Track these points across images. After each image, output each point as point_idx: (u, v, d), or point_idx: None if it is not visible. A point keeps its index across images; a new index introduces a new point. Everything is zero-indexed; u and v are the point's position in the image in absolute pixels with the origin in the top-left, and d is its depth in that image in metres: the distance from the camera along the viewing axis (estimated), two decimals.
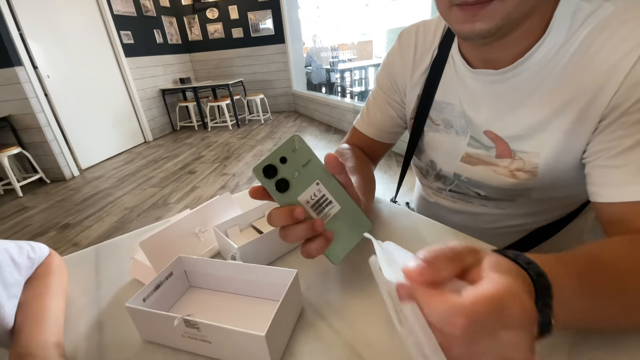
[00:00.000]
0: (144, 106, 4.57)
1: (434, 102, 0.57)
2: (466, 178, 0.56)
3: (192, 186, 2.84)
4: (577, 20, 0.40)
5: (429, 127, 0.60)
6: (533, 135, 0.46)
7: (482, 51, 0.47)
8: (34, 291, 0.46)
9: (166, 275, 0.43)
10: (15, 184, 3.00)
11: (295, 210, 0.32)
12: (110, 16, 4.02)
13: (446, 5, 0.41)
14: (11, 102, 3.08)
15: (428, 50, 0.57)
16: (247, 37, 5.41)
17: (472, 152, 0.53)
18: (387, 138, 0.68)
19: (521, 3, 0.37)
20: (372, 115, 0.67)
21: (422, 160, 0.64)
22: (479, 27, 0.38)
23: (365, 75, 5.98)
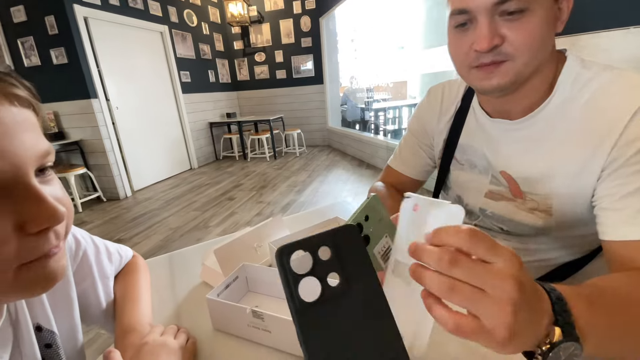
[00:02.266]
0: (193, 136, 5.01)
1: (459, 145, 0.66)
2: (491, 212, 0.62)
3: (230, 212, 3.02)
4: (578, 84, 0.49)
5: (455, 166, 0.68)
6: (541, 179, 0.53)
7: (497, 103, 0.57)
8: (129, 282, 0.57)
9: (234, 278, 0.53)
10: (77, 201, 3.36)
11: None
12: (173, 59, 4.59)
13: (466, 69, 0.51)
14: (83, 128, 3.55)
15: (453, 102, 0.68)
16: (290, 78, 5.85)
17: (495, 189, 0.61)
18: (418, 175, 0.77)
19: (528, 63, 0.46)
20: (405, 155, 0.77)
21: (450, 196, 0.72)
22: (496, 82, 0.47)
23: (398, 115, 6.15)
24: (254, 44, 5.83)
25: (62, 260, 0.30)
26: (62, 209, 0.27)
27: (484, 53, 0.46)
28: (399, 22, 5.93)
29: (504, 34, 0.44)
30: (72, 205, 0.33)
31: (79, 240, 0.49)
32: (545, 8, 0.43)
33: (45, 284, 0.29)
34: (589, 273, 0.60)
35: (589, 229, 0.54)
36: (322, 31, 5.40)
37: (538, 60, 0.47)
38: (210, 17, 5.47)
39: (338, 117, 6.11)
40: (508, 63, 0.46)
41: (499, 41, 0.44)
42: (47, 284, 0.29)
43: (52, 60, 3.37)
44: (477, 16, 0.45)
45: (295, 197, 3.30)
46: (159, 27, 4.36)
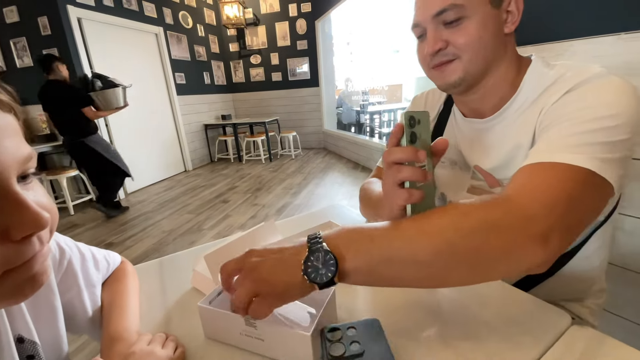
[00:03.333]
0: (187, 139, 4.98)
1: None
2: None
3: (225, 214, 3.00)
4: (542, 83, 0.52)
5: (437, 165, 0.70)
6: (504, 165, 0.56)
7: (468, 103, 0.62)
8: (116, 289, 0.56)
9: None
10: (69, 203, 3.31)
11: (420, 152, 0.38)
12: (168, 60, 4.57)
13: (427, 68, 0.58)
14: None
15: (435, 106, 0.72)
16: (285, 80, 5.86)
17: (476, 183, 0.63)
18: None
19: (472, 60, 0.52)
20: None
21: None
22: (448, 79, 0.55)
23: (394, 117, 6.18)
24: (249, 46, 5.83)
25: (46, 263, 0.30)
26: (46, 215, 0.27)
27: (433, 56, 0.53)
28: (395, 26, 5.97)
29: (447, 38, 0.52)
30: (56, 210, 0.32)
31: (64, 249, 0.48)
32: (481, 14, 0.49)
33: (31, 288, 0.28)
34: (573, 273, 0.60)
35: None
36: (317, 34, 5.42)
37: (484, 59, 0.52)
38: (206, 19, 5.46)
39: (334, 120, 6.12)
40: (455, 62, 0.53)
41: (443, 45, 0.52)
42: (32, 288, 0.28)
43: None
44: (426, 26, 0.53)
45: (291, 199, 3.29)
46: (153, 29, 4.34)
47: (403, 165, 0.40)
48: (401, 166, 0.40)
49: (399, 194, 0.41)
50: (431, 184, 0.43)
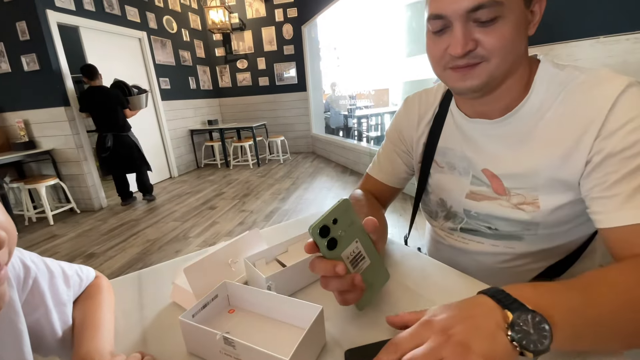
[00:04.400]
0: (173, 144, 4.89)
1: (438, 148, 0.67)
2: (476, 213, 0.62)
3: (212, 221, 2.94)
4: (554, 83, 0.51)
5: (434, 169, 0.68)
6: (526, 174, 0.54)
7: (475, 104, 0.58)
8: (89, 306, 0.53)
9: (213, 297, 0.50)
10: (48, 213, 3.19)
11: (338, 267, 0.38)
12: (152, 65, 4.49)
13: (441, 68, 0.52)
14: (56, 137, 3.40)
15: (430, 108, 0.69)
16: (272, 85, 5.84)
17: (476, 189, 0.61)
18: (396, 183, 0.76)
19: (500, 65, 0.47)
20: (383, 162, 0.77)
21: (432, 200, 0.71)
22: (470, 84, 0.49)
23: (381, 122, 6.23)
24: (235, 51, 5.79)
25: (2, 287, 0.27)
26: (2, 234, 0.24)
27: (461, 57, 0.47)
28: (381, 31, 6.05)
29: (478, 38, 0.46)
30: (13, 228, 0.29)
31: (29, 267, 0.44)
32: (517, 14, 0.45)
33: None
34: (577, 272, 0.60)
35: (573, 225, 0.55)
36: (304, 39, 5.43)
37: (510, 63, 0.49)
38: (191, 23, 5.41)
39: (322, 124, 6.13)
40: (482, 65, 0.48)
41: (473, 46, 0.46)
42: None
43: (23, 66, 3.23)
44: (452, 21, 0.46)
45: (279, 205, 3.26)
46: (137, 33, 4.26)
47: (328, 277, 0.40)
48: (327, 278, 0.40)
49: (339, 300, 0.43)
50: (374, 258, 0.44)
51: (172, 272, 0.66)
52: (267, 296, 0.49)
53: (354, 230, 0.41)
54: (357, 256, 0.41)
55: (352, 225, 0.41)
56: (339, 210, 0.40)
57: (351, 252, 0.41)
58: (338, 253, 0.40)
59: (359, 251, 0.41)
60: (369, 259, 0.42)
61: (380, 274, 0.45)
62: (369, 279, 0.43)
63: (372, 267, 0.43)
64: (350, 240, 0.40)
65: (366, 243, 0.42)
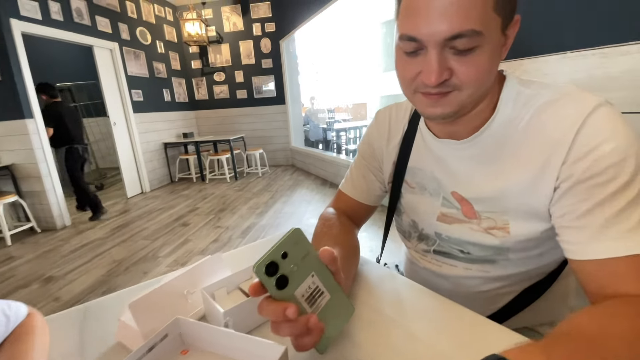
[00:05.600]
0: (145, 158, 4.70)
1: (408, 168, 0.64)
2: (447, 236, 0.59)
3: (184, 239, 2.80)
4: (520, 102, 0.49)
5: (406, 189, 0.65)
6: (494, 197, 0.51)
7: (444, 126, 0.55)
8: (17, 351, 0.45)
9: (162, 337, 0.43)
10: (5, 233, 2.95)
11: (288, 310, 0.32)
12: (124, 76, 4.35)
13: (411, 91, 0.49)
14: (16, 151, 3.18)
15: (400, 125, 0.66)
16: (251, 98, 5.80)
17: (446, 211, 0.58)
18: (370, 200, 0.73)
19: (473, 94, 0.45)
20: (356, 179, 0.73)
21: (404, 221, 0.68)
22: (440, 111, 0.47)
23: (359, 135, 6.30)
24: (212, 64, 5.73)
25: None
26: None
27: (434, 86, 0.44)
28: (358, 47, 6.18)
29: (453, 67, 0.43)
30: None
31: None
32: (494, 42, 0.42)
33: None
34: (553, 295, 0.58)
35: (545, 249, 0.53)
36: (282, 53, 5.46)
37: (482, 91, 0.46)
38: (166, 35, 5.32)
39: (301, 137, 6.11)
40: (454, 93, 0.45)
41: (448, 75, 0.43)
42: None
43: None
44: (427, 47, 0.42)
45: (257, 219, 3.16)
46: (108, 44, 4.13)
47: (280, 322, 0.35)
48: (277, 323, 0.35)
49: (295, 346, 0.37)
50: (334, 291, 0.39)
51: (123, 306, 0.59)
52: (225, 334, 0.43)
53: (308, 263, 0.36)
54: (313, 292, 0.36)
55: (306, 257, 0.35)
56: (289, 243, 0.34)
57: (306, 289, 0.36)
58: (290, 292, 0.34)
59: (315, 286, 0.36)
60: (329, 293, 0.37)
61: (343, 309, 0.39)
62: (329, 316, 0.37)
63: (333, 303, 0.38)
64: (304, 275, 0.35)
65: (324, 276, 0.37)
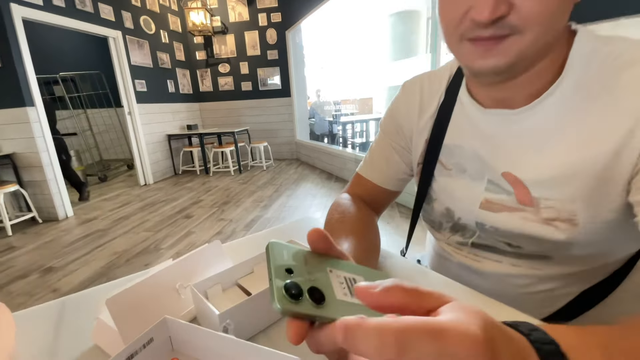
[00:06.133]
0: (148, 150, 4.64)
1: (444, 146, 0.54)
2: (492, 227, 0.49)
3: (187, 231, 2.74)
4: (595, 61, 0.39)
5: (440, 172, 0.56)
6: (559, 180, 0.41)
7: (494, 90, 0.45)
8: None
9: (146, 341, 0.35)
10: (6, 223, 2.90)
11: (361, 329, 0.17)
12: (127, 66, 4.27)
13: (456, 39, 0.39)
14: (17, 140, 3.12)
15: (434, 96, 0.56)
16: (256, 90, 5.70)
17: (492, 197, 0.48)
18: (392, 185, 0.63)
19: (537, 40, 0.35)
20: (377, 160, 0.64)
21: (436, 210, 0.58)
22: (493, 62, 0.37)
23: (366, 128, 6.18)
24: (217, 55, 5.63)
25: None
26: None
27: (487, 25, 0.35)
28: (365, 37, 6.05)
29: (513, 1, 0.33)
30: None
31: None
32: None
33: None
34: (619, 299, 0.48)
35: (617, 242, 0.43)
36: (288, 44, 5.34)
37: (548, 38, 0.36)
38: (170, 25, 5.22)
39: (306, 130, 6.02)
40: (512, 38, 0.35)
41: (505, 10, 0.34)
42: None
43: None
44: None
45: (261, 212, 3.09)
46: (110, 32, 4.05)
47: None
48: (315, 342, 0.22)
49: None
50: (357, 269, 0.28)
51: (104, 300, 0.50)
52: (224, 342, 0.35)
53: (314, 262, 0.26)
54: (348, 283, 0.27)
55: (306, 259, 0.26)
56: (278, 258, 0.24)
57: (341, 285, 0.26)
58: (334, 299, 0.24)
59: (344, 276, 0.26)
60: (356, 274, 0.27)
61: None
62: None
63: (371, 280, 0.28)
64: (325, 274, 0.25)
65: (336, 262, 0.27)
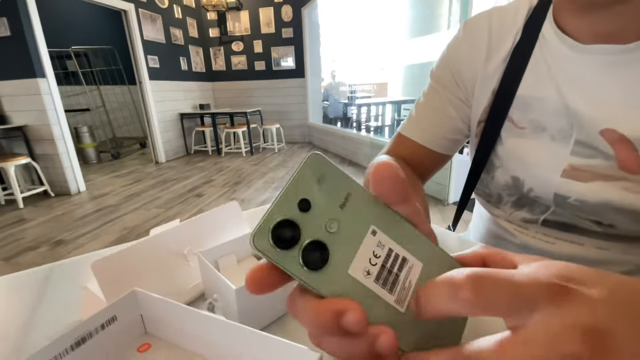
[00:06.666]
0: (160, 128, 4.58)
1: (517, 98, 0.43)
2: (577, 200, 0.38)
3: (198, 209, 2.68)
4: None
5: (509, 131, 0.44)
6: None
7: (598, 20, 0.34)
8: None
9: (104, 322, 0.26)
10: (17, 195, 2.90)
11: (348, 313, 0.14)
12: (139, 41, 4.17)
13: None
14: (29, 112, 3.08)
15: (508, 35, 0.44)
16: (269, 70, 5.54)
17: (581, 163, 0.38)
18: (444, 147, 0.52)
19: None
20: (425, 117, 0.52)
21: (497, 181, 0.47)
22: None
23: (382, 112, 5.99)
24: (231, 32, 5.47)
25: None
26: None
27: None
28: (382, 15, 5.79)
29: None
30: None
31: None
32: None
33: None
34: None
35: None
36: (304, 22, 5.14)
37: None
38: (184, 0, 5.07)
39: (319, 114, 5.86)
40: None
41: None
42: None
43: None
44: None
45: (273, 194, 3.01)
46: (123, 5, 3.93)
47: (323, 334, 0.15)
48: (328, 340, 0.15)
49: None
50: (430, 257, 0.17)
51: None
52: (216, 326, 0.25)
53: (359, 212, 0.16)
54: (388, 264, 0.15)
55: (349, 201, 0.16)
56: (307, 181, 0.15)
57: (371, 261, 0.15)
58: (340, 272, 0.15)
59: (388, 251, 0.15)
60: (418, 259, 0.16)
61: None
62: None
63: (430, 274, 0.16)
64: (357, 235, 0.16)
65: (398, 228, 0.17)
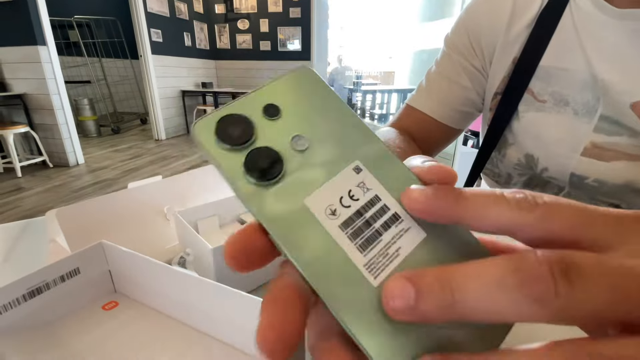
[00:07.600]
0: (162, 104, 4.52)
1: (540, 69, 0.40)
2: (596, 181, 0.36)
3: None
4: None
5: (528, 104, 0.41)
6: None
7: None
8: None
9: (64, 273, 0.23)
10: (15, 163, 2.88)
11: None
12: (143, 12, 4.06)
13: None
14: (28, 80, 3.03)
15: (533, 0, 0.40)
16: (274, 51, 5.42)
17: (604, 140, 0.35)
18: (454, 119, 0.49)
19: None
20: (436, 86, 0.48)
21: (508, 158, 0.44)
22: None
23: (388, 100, 5.90)
24: (237, 9, 5.33)
25: None
26: None
27: None
28: None
29: None
30: None
31: None
32: None
33: None
34: None
35: None
36: (312, 2, 5.00)
37: None
38: None
39: None
40: None
41: None
42: None
43: None
44: None
45: None
46: None
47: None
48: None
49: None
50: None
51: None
52: (186, 282, 0.22)
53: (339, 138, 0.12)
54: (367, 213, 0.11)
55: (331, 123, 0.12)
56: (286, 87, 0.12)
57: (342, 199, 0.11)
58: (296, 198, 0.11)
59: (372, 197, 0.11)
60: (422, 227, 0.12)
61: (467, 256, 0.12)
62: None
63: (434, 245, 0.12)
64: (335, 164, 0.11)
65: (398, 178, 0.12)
